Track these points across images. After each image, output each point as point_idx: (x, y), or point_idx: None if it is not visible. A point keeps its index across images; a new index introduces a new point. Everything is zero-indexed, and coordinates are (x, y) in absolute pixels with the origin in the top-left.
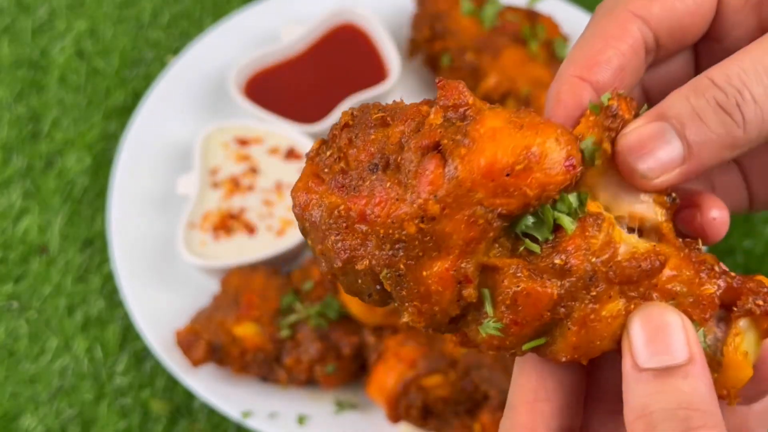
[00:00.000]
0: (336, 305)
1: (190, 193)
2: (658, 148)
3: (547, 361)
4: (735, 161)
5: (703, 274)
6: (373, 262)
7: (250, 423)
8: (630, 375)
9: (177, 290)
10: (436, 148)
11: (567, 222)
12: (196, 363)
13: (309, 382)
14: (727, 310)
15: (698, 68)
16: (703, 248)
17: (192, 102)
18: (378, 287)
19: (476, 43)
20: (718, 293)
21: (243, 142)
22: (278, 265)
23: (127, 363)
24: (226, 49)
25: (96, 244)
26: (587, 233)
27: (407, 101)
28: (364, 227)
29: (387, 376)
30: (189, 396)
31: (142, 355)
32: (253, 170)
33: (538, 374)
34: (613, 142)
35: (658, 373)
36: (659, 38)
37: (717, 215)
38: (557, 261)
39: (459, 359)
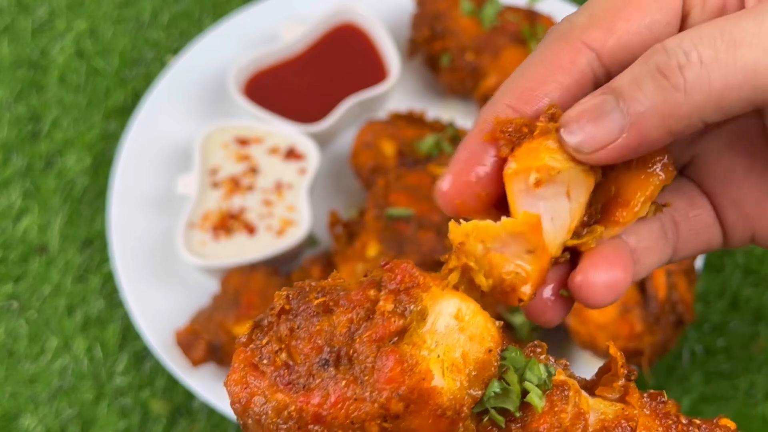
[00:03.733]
0: None
1: (190, 193)
2: (596, 121)
3: None
4: (706, 194)
5: (671, 428)
6: None
7: None
8: None
9: (177, 290)
10: (390, 339)
11: (536, 399)
12: (195, 363)
13: None
14: None
15: None
16: (666, 398)
17: (192, 102)
18: None
19: (476, 43)
20: None
21: (243, 142)
22: (278, 265)
23: (127, 363)
24: (226, 49)
25: (96, 244)
26: (556, 408)
27: (407, 101)
28: (318, 428)
29: None
30: (189, 396)
31: (142, 355)
32: (253, 170)
33: None
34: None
35: None
36: (610, 71)
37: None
38: None
39: None
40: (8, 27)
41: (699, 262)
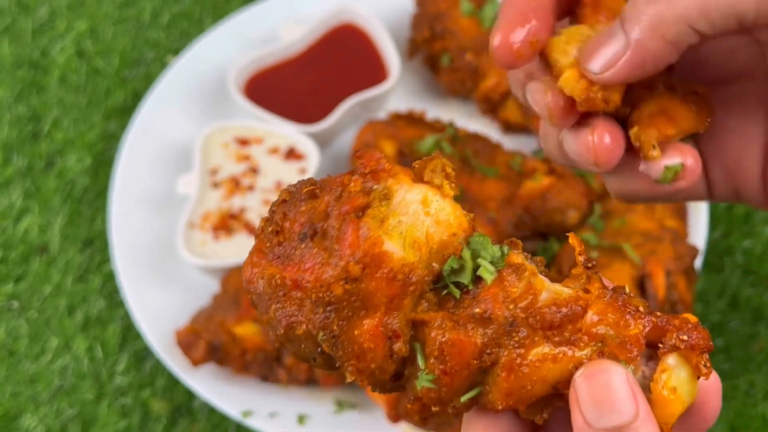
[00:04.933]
0: None
1: (191, 193)
2: (604, 44)
3: (494, 418)
4: (697, 145)
5: (628, 316)
6: (310, 326)
7: (250, 422)
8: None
9: (177, 290)
10: (357, 213)
11: (486, 272)
12: (196, 363)
13: (309, 381)
14: (654, 348)
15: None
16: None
17: (192, 102)
18: (319, 350)
19: (476, 43)
20: (644, 333)
21: (243, 142)
22: None
23: (128, 363)
24: (226, 49)
25: (96, 244)
26: (506, 282)
27: (407, 101)
28: (298, 293)
29: None
30: (189, 396)
31: (143, 354)
32: (253, 170)
33: (484, 429)
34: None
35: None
36: None
37: (691, 162)
38: (477, 310)
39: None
40: (9, 27)
41: (698, 262)
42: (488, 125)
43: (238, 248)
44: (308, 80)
